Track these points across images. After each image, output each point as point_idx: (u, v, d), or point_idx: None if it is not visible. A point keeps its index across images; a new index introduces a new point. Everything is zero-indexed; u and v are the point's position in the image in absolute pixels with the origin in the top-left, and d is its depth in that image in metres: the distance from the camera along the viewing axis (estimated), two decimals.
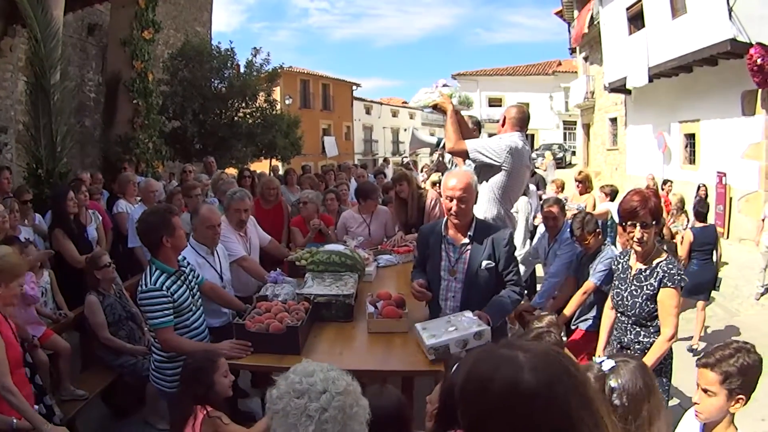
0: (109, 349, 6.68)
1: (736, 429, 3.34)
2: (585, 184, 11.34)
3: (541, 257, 8.13)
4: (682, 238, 10.91)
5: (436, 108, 6.18)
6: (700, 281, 9.98)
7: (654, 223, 4.70)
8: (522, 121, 6.38)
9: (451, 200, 5.02)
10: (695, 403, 3.47)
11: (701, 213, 10.88)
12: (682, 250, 10.62)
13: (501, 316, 5.00)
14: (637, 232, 4.73)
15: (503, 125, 6.37)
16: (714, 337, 10.45)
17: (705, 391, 3.36)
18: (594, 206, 10.55)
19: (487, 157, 6.02)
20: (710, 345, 4.41)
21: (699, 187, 16.90)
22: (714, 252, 10.75)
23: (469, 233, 5.11)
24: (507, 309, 5.06)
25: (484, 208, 6.07)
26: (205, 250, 6.16)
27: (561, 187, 13.10)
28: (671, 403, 5.34)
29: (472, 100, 6.30)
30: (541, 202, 8.90)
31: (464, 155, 6.15)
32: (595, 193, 12.30)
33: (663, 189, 15.03)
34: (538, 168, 16.29)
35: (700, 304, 10.16)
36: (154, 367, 5.16)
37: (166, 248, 5.01)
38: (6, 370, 4.26)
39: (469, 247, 5.11)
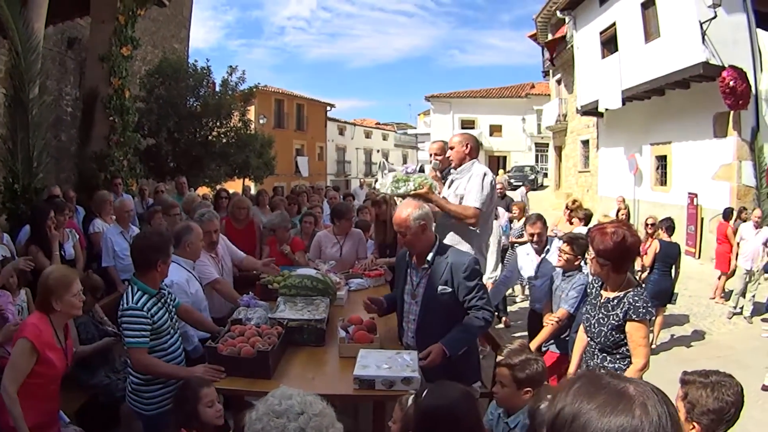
0: (83, 368, 6.64)
1: None
2: (573, 214, 11.38)
3: (522, 277, 8.16)
4: (649, 247, 11.14)
5: (417, 196, 6.24)
6: (658, 290, 10.41)
7: (598, 257, 4.78)
8: (478, 150, 6.81)
9: (400, 234, 5.31)
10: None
11: (670, 228, 11.21)
12: (647, 260, 11.05)
13: (462, 344, 5.04)
14: (594, 264, 4.90)
15: (467, 152, 6.66)
16: (690, 354, 10.72)
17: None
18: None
19: (486, 201, 6.33)
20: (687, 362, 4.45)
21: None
22: (674, 267, 11.12)
23: (427, 258, 5.24)
24: (469, 337, 5.14)
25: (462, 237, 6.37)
26: (191, 264, 6.23)
27: (522, 210, 13.35)
28: None
29: (437, 185, 6.45)
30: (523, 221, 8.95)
31: (477, 216, 6.26)
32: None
33: (727, 218, 15.03)
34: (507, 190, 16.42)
35: (659, 310, 10.51)
36: (131, 389, 5.16)
37: (156, 272, 5.08)
38: (18, 376, 4.33)
39: (428, 272, 5.24)
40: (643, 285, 5.22)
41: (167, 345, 5.08)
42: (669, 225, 11.33)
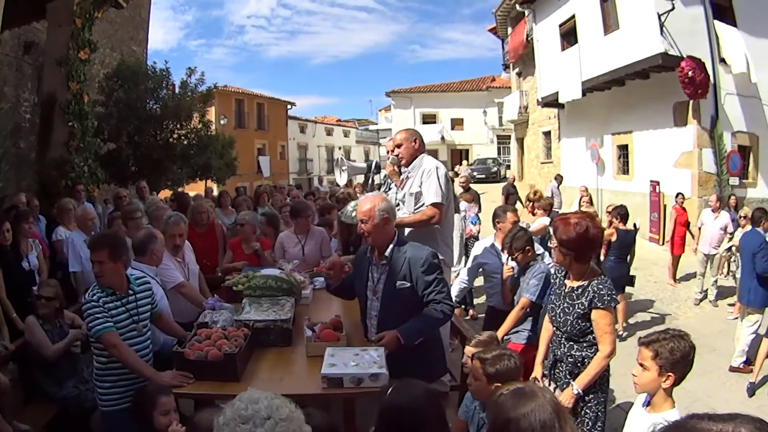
0: (51, 380, 6.58)
1: (674, 402, 3.82)
2: (536, 205, 11.37)
3: (491, 269, 7.98)
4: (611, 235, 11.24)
5: None
6: (614, 277, 10.27)
7: (562, 247, 4.86)
8: (424, 143, 7.01)
9: (361, 222, 5.28)
10: (633, 375, 3.97)
11: (624, 215, 11.30)
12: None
13: (418, 334, 5.05)
14: (557, 254, 5.02)
15: (417, 148, 6.80)
16: None
17: (641, 365, 3.88)
18: (543, 228, 10.65)
19: (445, 194, 6.47)
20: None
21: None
22: (629, 254, 11.42)
23: (385, 254, 5.26)
24: (425, 328, 5.14)
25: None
26: (154, 271, 6.20)
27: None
28: (611, 406, 5.45)
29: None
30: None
31: (439, 214, 6.38)
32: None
33: (676, 201, 15.29)
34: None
35: (619, 296, 10.43)
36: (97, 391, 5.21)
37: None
38: None
39: (386, 267, 5.25)
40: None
41: (129, 345, 5.04)
42: (622, 212, 11.40)
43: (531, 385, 3.07)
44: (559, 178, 23.03)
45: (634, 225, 12.12)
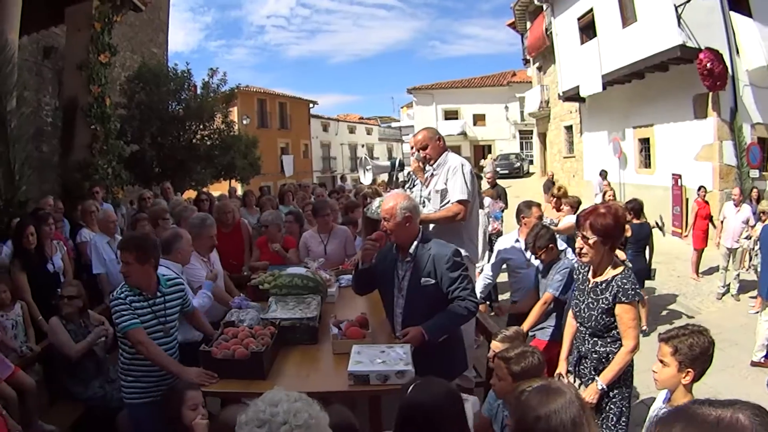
0: (77, 381, 6.64)
1: (693, 397, 3.67)
2: (561, 201, 11.33)
3: (516, 264, 8.02)
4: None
5: None
6: (633, 271, 10.20)
7: (598, 238, 4.79)
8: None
9: (383, 220, 5.33)
10: (654, 372, 3.99)
11: (636, 209, 11.19)
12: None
13: (442, 331, 5.10)
14: (578, 242, 4.95)
15: (442, 145, 6.88)
16: None
17: (661, 361, 3.91)
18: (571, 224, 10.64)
19: (470, 190, 6.54)
20: None
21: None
22: (647, 247, 11.43)
23: (410, 251, 5.29)
24: (450, 324, 5.19)
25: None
26: (180, 268, 6.28)
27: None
28: (635, 402, 5.46)
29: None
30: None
31: (464, 210, 6.44)
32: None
33: (698, 195, 15.19)
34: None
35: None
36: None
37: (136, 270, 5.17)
38: None
39: (411, 264, 5.28)
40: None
41: None
42: (634, 206, 11.30)
43: (555, 381, 3.11)
44: (603, 173, 22.72)
45: (657, 224, 12.07)
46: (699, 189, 15.57)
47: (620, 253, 10.56)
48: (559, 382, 3.07)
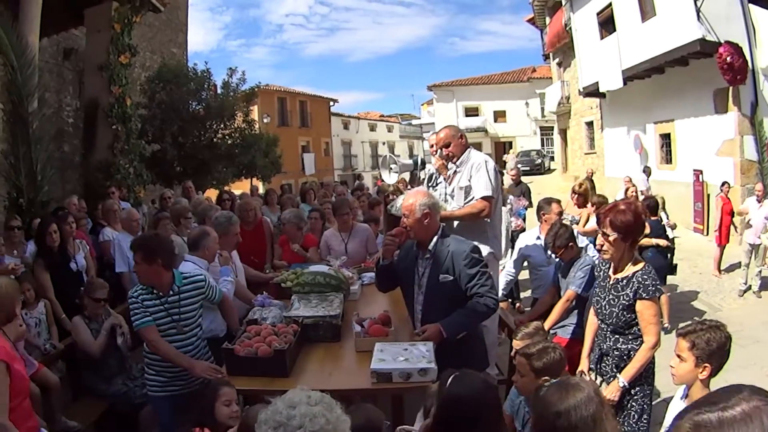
0: (99, 378, 6.74)
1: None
2: (584, 197, 11.28)
3: (536, 261, 8.11)
4: None
5: None
6: (655, 267, 10.10)
7: (618, 234, 4.81)
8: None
9: (403, 216, 5.36)
10: (671, 367, 4.01)
11: (651, 207, 11.02)
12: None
13: (461, 328, 5.12)
14: (599, 239, 4.99)
15: (464, 143, 6.89)
16: None
17: (679, 356, 3.92)
18: (587, 219, 10.58)
19: (494, 186, 6.59)
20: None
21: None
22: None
23: (429, 248, 5.31)
24: (469, 320, 5.18)
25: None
26: (206, 265, 6.39)
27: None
28: (656, 400, 5.45)
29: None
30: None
31: (489, 206, 6.49)
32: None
33: (722, 191, 15.03)
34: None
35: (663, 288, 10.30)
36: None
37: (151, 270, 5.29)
38: (4, 405, 4.21)
39: (430, 261, 5.30)
40: None
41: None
42: (649, 203, 11.17)
43: (573, 377, 3.13)
44: (648, 170, 22.20)
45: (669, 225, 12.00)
46: (722, 185, 15.38)
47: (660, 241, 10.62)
48: (578, 378, 3.14)
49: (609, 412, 2.77)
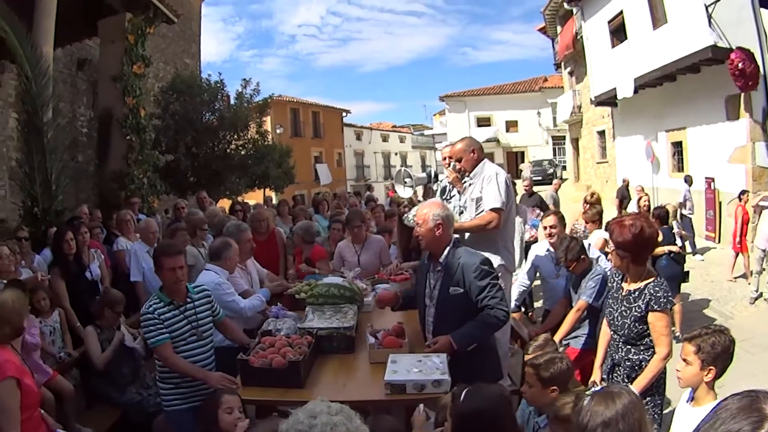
0: (113, 386, 6.80)
1: (716, 395, 3.87)
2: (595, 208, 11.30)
3: (546, 273, 8.12)
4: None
5: None
6: (669, 276, 9.95)
7: (617, 249, 4.91)
8: (482, 148, 7.06)
9: (416, 225, 5.45)
10: (678, 371, 4.06)
11: (661, 216, 11.06)
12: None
13: (471, 339, 5.13)
14: (614, 257, 5.03)
15: (477, 157, 6.85)
16: None
17: (684, 360, 3.98)
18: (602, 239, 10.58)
19: (505, 199, 6.51)
20: None
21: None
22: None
23: (440, 260, 5.33)
24: (479, 332, 5.17)
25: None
26: (226, 275, 6.53)
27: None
28: (666, 410, 5.47)
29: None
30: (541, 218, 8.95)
31: (498, 218, 6.42)
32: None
33: (741, 199, 14.91)
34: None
35: (675, 297, 10.26)
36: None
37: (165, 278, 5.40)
38: (16, 421, 4.26)
39: (442, 273, 5.32)
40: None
41: (180, 350, 5.29)
42: (660, 213, 11.18)
43: (614, 385, 3.18)
44: (689, 179, 20.84)
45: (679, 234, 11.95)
46: (742, 193, 15.29)
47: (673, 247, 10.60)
48: (617, 385, 3.27)
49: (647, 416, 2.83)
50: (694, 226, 18.22)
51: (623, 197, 20.13)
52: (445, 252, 5.34)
